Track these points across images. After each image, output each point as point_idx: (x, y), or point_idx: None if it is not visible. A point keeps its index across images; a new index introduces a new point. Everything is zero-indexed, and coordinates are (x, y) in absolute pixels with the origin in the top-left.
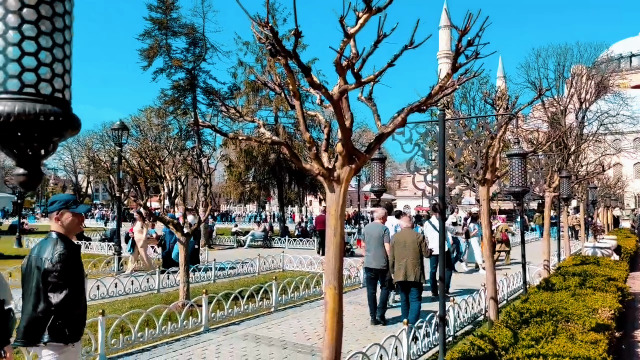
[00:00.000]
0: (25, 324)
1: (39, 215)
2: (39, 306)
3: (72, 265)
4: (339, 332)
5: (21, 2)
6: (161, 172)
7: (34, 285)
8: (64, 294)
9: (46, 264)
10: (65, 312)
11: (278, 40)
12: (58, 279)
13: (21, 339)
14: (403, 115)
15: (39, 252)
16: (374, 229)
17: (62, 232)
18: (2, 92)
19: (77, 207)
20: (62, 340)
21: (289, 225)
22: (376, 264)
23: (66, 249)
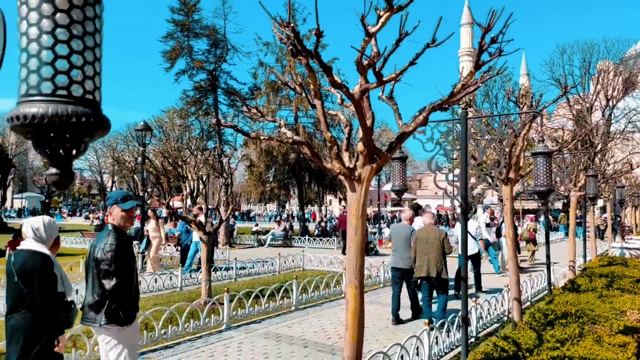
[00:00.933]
0: (86, 305)
1: (66, 214)
2: (95, 291)
3: (123, 254)
4: (360, 332)
5: (54, 7)
6: (183, 172)
7: (93, 272)
8: (115, 280)
9: (99, 254)
10: (118, 297)
11: (300, 40)
12: (109, 267)
13: (84, 318)
14: (425, 113)
15: (96, 242)
16: (401, 229)
17: (116, 225)
18: (36, 95)
19: (124, 203)
20: (117, 322)
21: (308, 225)
22: (403, 264)
23: (117, 240)
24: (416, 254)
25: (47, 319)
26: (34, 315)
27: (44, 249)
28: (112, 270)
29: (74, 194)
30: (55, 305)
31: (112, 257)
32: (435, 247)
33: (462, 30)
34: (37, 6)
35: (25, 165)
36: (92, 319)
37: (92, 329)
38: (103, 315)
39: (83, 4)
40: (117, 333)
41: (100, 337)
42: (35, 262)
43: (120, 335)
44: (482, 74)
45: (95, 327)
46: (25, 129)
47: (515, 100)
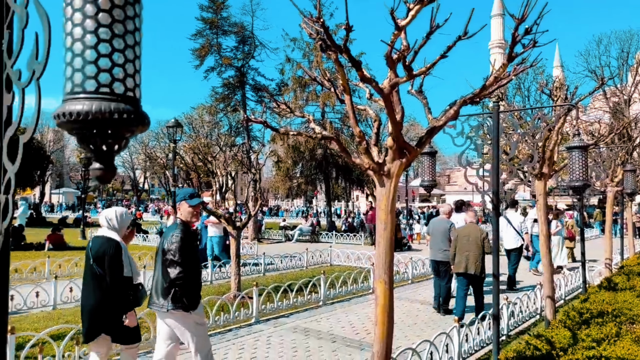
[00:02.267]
0: (154, 292)
1: (100, 209)
2: (162, 279)
3: (187, 246)
4: (389, 327)
5: (97, 7)
6: (213, 167)
7: (159, 261)
8: (178, 269)
9: (165, 245)
10: (182, 285)
11: (329, 35)
12: (174, 257)
13: (152, 303)
14: (456, 107)
15: (165, 235)
16: (440, 223)
17: (183, 220)
18: (80, 92)
19: (191, 200)
20: (183, 308)
21: (335, 220)
22: (442, 257)
23: (182, 233)
24: (456, 250)
25: (116, 298)
26: (104, 294)
27: (116, 237)
28: (176, 260)
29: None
30: (122, 286)
31: (177, 248)
32: (475, 245)
33: (493, 21)
34: (81, 7)
35: (62, 162)
36: (159, 304)
37: (158, 313)
38: (170, 301)
39: (124, 4)
40: (182, 318)
41: (166, 321)
42: (107, 248)
43: (185, 320)
44: (515, 66)
45: (163, 312)
46: (71, 125)
47: (549, 93)
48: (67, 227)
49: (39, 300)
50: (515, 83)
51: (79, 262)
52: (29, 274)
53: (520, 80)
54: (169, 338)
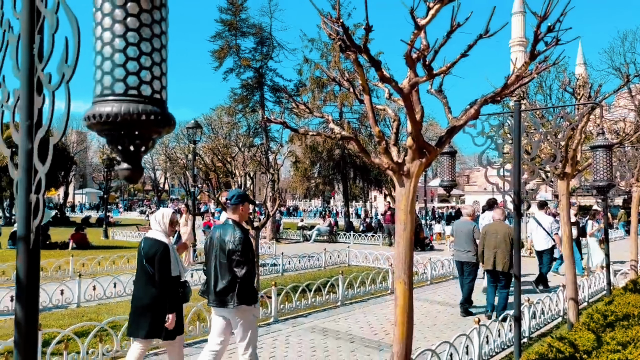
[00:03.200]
0: (217, 291)
1: (122, 209)
2: (227, 277)
3: (249, 246)
4: (409, 328)
5: (125, 12)
6: (232, 168)
7: (220, 261)
8: (245, 268)
9: (230, 246)
10: (246, 282)
11: (349, 35)
12: (240, 257)
13: (214, 301)
14: (476, 107)
15: (221, 235)
16: (464, 225)
17: (237, 220)
18: (109, 95)
19: (249, 201)
20: (246, 302)
21: (353, 220)
22: (466, 257)
23: (243, 234)
24: (484, 247)
25: (164, 295)
26: (154, 291)
27: (164, 238)
28: (243, 260)
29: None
30: (170, 284)
31: (242, 248)
32: (503, 242)
33: (514, 19)
34: (111, 12)
35: (85, 163)
36: (223, 302)
37: (222, 310)
38: (235, 297)
39: (151, 8)
40: (244, 312)
41: (227, 315)
42: (157, 250)
43: (246, 315)
44: (537, 64)
45: (228, 309)
46: (100, 126)
47: (571, 91)
48: (90, 226)
49: (63, 298)
50: (536, 81)
51: (102, 261)
52: (53, 272)
53: (542, 78)
54: (223, 333)
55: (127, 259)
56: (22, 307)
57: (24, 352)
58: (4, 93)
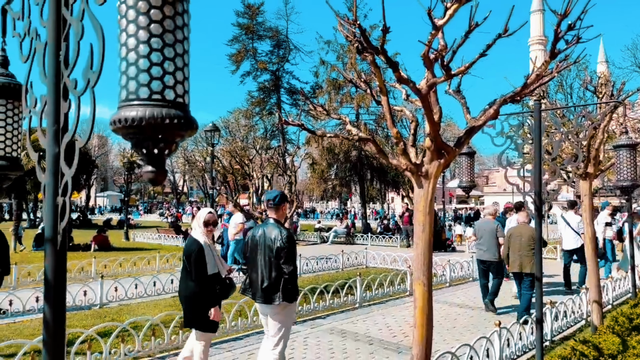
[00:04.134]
0: (263, 288)
1: (142, 211)
2: (273, 274)
3: (294, 244)
4: (428, 330)
5: (149, 18)
6: (249, 170)
7: (267, 259)
8: (292, 266)
9: (278, 244)
10: (291, 279)
11: (366, 37)
12: (288, 254)
13: (260, 297)
14: (495, 106)
15: (265, 233)
16: (487, 224)
17: (278, 219)
18: (134, 99)
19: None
20: (290, 299)
21: (371, 222)
22: (489, 257)
23: (289, 232)
24: (509, 250)
25: (200, 291)
26: (191, 285)
27: (201, 237)
28: (290, 256)
29: (149, 193)
30: (206, 282)
31: (289, 246)
32: (528, 245)
33: (533, 17)
34: (135, 19)
35: (106, 166)
36: (268, 298)
37: (265, 306)
38: (280, 294)
39: (173, 14)
40: (285, 309)
41: (270, 311)
42: (193, 249)
43: (287, 312)
44: (557, 63)
45: (271, 305)
46: (126, 130)
47: (593, 89)
48: (112, 228)
49: (86, 299)
50: (557, 80)
51: (123, 262)
52: (77, 273)
53: (562, 77)
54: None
55: (147, 261)
56: (50, 307)
57: (52, 350)
58: (32, 99)
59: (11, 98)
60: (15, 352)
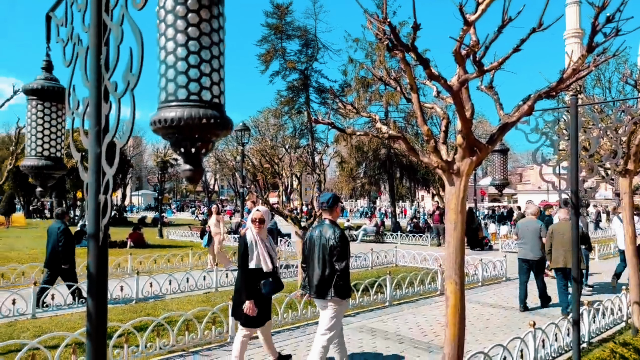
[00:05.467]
0: (317, 283)
1: (175, 209)
2: (326, 271)
3: (347, 242)
4: (461, 329)
5: (187, 22)
6: (279, 169)
7: (321, 256)
8: (344, 263)
9: (331, 242)
10: (344, 276)
11: (396, 35)
12: (340, 252)
13: (314, 293)
14: (530, 102)
15: (322, 233)
16: (530, 223)
17: (333, 220)
18: (173, 100)
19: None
20: (342, 296)
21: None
22: (533, 256)
23: (342, 232)
24: (551, 247)
25: (242, 284)
26: (239, 280)
27: (249, 235)
28: (342, 254)
29: (182, 191)
30: (248, 277)
31: (341, 245)
32: (570, 241)
33: (568, 10)
34: (173, 23)
35: (141, 166)
36: (321, 293)
37: (319, 301)
38: (332, 289)
39: (209, 17)
40: (336, 304)
41: (323, 305)
42: (240, 243)
43: (338, 307)
44: (595, 56)
45: (324, 300)
46: (165, 130)
47: (633, 83)
48: (146, 226)
49: (123, 294)
50: (594, 74)
51: (158, 259)
52: (113, 269)
53: (600, 71)
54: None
55: (180, 258)
56: (93, 300)
57: (95, 341)
58: (74, 101)
59: (55, 101)
60: (57, 344)
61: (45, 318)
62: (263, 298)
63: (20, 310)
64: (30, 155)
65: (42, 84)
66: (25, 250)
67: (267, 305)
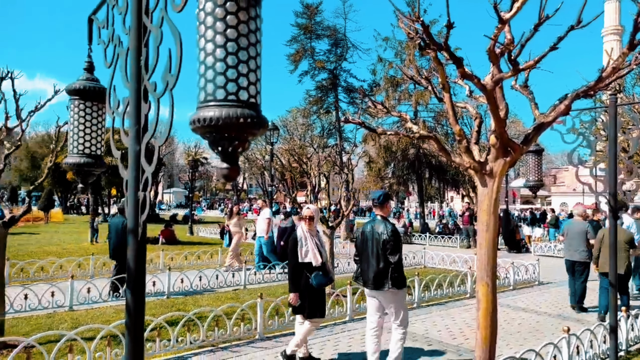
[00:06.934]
0: (373, 276)
1: (205, 207)
2: (381, 264)
3: (399, 236)
4: (492, 332)
5: (225, 24)
6: (307, 168)
7: (375, 250)
8: (397, 255)
9: (384, 237)
10: (398, 268)
11: (429, 33)
12: (393, 246)
13: (371, 284)
14: (567, 102)
15: (374, 228)
16: (576, 225)
17: (384, 215)
18: (211, 100)
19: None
20: (399, 286)
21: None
22: (578, 257)
23: (393, 227)
24: (600, 251)
25: (293, 277)
26: (288, 272)
27: (299, 230)
28: (395, 248)
29: (211, 189)
30: (296, 270)
31: (394, 239)
32: (620, 246)
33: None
34: (212, 24)
35: (172, 164)
36: (378, 284)
37: (377, 292)
38: (389, 281)
39: (247, 19)
40: (396, 295)
41: (381, 297)
42: (291, 239)
43: (398, 296)
44: (636, 54)
45: (382, 291)
46: (204, 129)
47: None
48: (177, 223)
49: (155, 289)
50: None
51: (188, 255)
52: (146, 265)
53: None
54: (378, 310)
55: (210, 254)
56: (131, 293)
57: (133, 333)
58: (115, 101)
59: (96, 100)
60: (93, 336)
61: (81, 311)
62: (316, 291)
63: (59, 302)
64: (73, 153)
65: (84, 85)
66: (63, 244)
67: (322, 298)
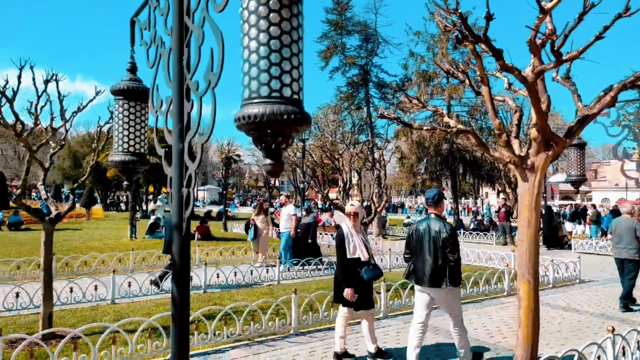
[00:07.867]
0: (431, 273)
1: (238, 204)
2: (439, 261)
3: (456, 234)
4: (534, 331)
5: (269, 21)
6: (339, 164)
7: (432, 248)
8: (457, 254)
9: (443, 235)
10: (457, 266)
11: (467, 25)
12: (453, 244)
13: (427, 282)
14: (613, 93)
15: (430, 226)
16: (625, 222)
17: (438, 214)
18: (256, 97)
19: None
20: (455, 283)
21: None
22: (627, 255)
23: (451, 226)
24: None
25: (341, 272)
26: (338, 269)
27: (344, 227)
28: (455, 246)
29: (244, 186)
30: (346, 266)
31: (453, 237)
32: None
33: None
34: (256, 23)
35: (206, 161)
36: (435, 282)
37: (431, 290)
38: (447, 279)
39: (290, 17)
40: (452, 292)
41: (436, 295)
42: (337, 235)
43: (454, 294)
44: None
45: (438, 289)
46: (249, 126)
47: None
48: (212, 219)
49: (192, 284)
50: None
51: (223, 251)
52: None
53: None
54: (427, 307)
55: (244, 250)
56: (177, 286)
57: (179, 324)
58: (158, 100)
59: (139, 100)
60: (135, 328)
61: (123, 304)
62: (365, 284)
63: (102, 295)
64: (117, 151)
65: (127, 85)
66: (104, 240)
67: (369, 290)
